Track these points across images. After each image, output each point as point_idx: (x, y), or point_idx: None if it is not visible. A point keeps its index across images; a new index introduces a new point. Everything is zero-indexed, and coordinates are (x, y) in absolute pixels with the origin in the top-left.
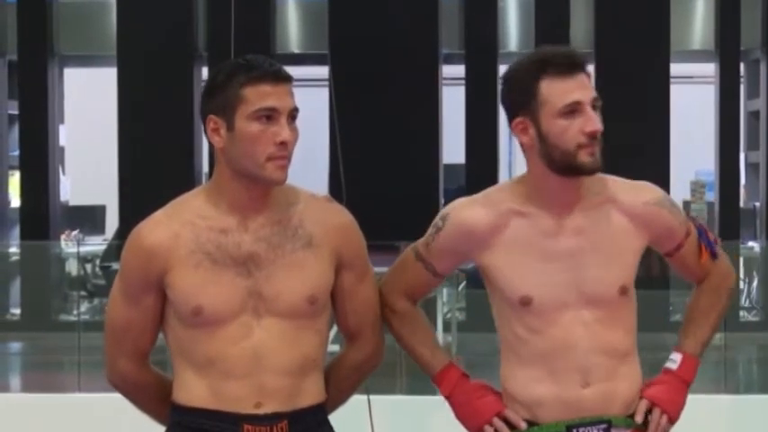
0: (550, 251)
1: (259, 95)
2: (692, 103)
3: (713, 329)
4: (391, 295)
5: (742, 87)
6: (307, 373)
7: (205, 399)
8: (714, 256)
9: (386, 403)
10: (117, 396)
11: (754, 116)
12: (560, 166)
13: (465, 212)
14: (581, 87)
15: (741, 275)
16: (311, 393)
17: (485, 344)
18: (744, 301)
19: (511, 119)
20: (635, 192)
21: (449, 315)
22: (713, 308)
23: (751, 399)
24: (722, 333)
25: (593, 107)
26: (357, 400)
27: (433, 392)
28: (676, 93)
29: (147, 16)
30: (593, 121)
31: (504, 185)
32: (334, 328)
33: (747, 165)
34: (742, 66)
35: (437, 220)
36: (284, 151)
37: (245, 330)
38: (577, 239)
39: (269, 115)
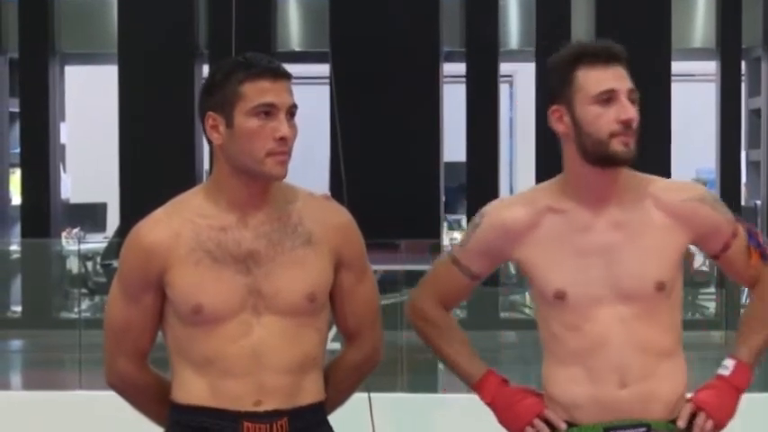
0: (585, 246)
1: (258, 92)
2: (693, 101)
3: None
4: (425, 303)
5: (743, 85)
6: (306, 372)
7: (205, 397)
8: (765, 257)
9: (386, 401)
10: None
11: (755, 114)
12: (594, 156)
13: (502, 210)
14: (617, 78)
15: None
16: (311, 391)
17: (486, 341)
18: (745, 300)
19: (548, 107)
20: (674, 189)
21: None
22: (767, 314)
23: (752, 397)
24: (723, 331)
25: (631, 100)
26: (358, 399)
27: (433, 390)
28: (677, 91)
29: (148, 14)
30: (628, 110)
31: (543, 184)
32: (335, 327)
33: (748, 163)
34: (743, 64)
35: (475, 218)
36: (284, 147)
37: (245, 328)
38: (613, 234)
39: (267, 111)
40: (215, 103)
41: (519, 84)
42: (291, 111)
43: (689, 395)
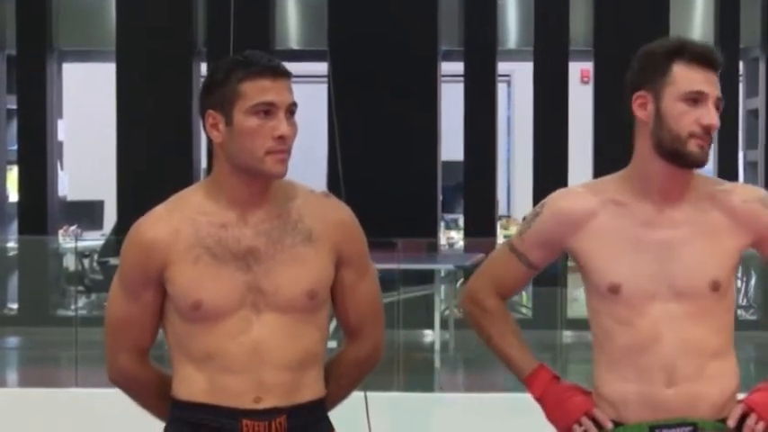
0: (644, 240)
1: (257, 90)
2: None
3: None
4: (482, 293)
5: (741, 86)
6: (306, 369)
7: (204, 393)
8: None
9: (383, 400)
10: (114, 391)
11: (752, 115)
12: (668, 150)
13: (563, 199)
14: (710, 82)
15: (739, 274)
16: (311, 388)
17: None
18: (741, 300)
19: (632, 91)
20: (735, 190)
21: (446, 312)
22: None
23: None
24: None
25: (716, 107)
26: (354, 397)
27: (429, 389)
28: None
29: (146, 11)
30: (712, 116)
31: (611, 176)
32: (332, 325)
33: (746, 163)
34: (741, 64)
35: (536, 207)
36: (283, 145)
37: (245, 325)
38: (673, 231)
39: (267, 110)
40: (215, 102)
41: (517, 83)
42: (291, 109)
43: (741, 396)
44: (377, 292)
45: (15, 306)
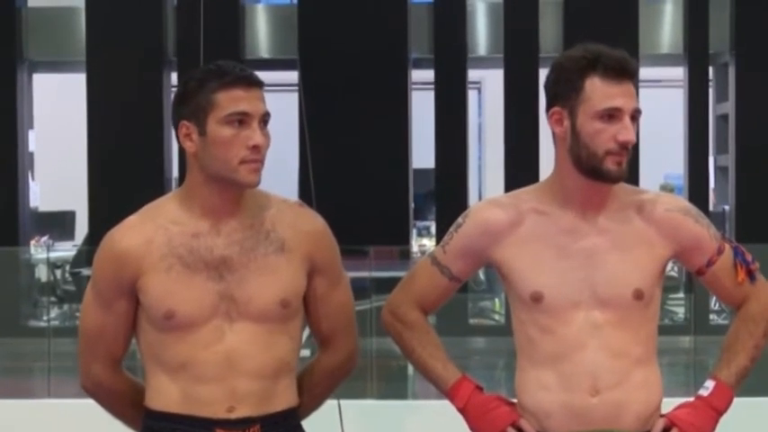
0: (567, 249)
1: (231, 100)
2: (661, 107)
3: (751, 359)
4: (403, 306)
5: (710, 91)
6: (279, 378)
7: (177, 403)
8: (752, 276)
9: (356, 408)
10: (87, 402)
11: (722, 119)
12: (585, 167)
13: (485, 210)
14: (625, 95)
15: None
16: (284, 397)
17: (455, 348)
18: (713, 305)
19: (548, 107)
20: (658, 200)
21: None
22: (751, 336)
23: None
24: (691, 336)
25: (632, 118)
26: (328, 405)
27: (403, 397)
28: (645, 97)
29: (117, 22)
30: (628, 132)
31: (533, 186)
32: (305, 333)
33: (716, 168)
34: (710, 69)
35: (458, 219)
36: (257, 155)
37: (218, 334)
38: (596, 240)
39: (241, 120)
40: (188, 112)
41: (487, 90)
42: (265, 119)
43: (664, 411)
44: (349, 301)
45: None
